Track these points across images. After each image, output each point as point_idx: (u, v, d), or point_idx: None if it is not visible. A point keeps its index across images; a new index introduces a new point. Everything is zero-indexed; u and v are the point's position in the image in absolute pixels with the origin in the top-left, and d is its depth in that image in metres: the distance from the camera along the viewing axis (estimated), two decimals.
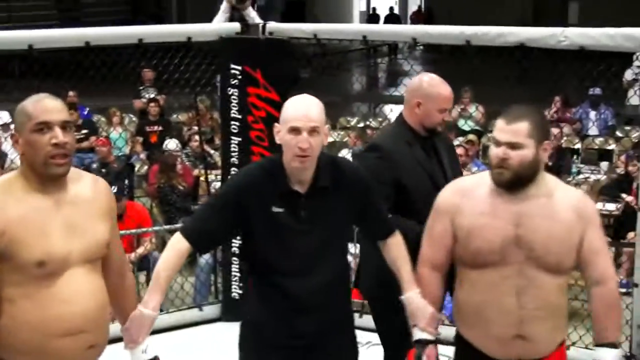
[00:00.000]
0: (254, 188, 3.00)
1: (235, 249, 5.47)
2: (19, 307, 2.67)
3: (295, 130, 2.91)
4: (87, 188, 2.82)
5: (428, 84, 3.66)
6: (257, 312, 3.10)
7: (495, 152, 2.92)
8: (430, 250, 3.10)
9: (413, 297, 3.10)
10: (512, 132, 2.89)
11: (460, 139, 8.87)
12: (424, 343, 3.06)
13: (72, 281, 2.71)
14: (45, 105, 2.69)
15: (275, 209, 2.99)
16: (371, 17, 26.47)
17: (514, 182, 2.92)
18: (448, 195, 3.08)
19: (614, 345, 2.97)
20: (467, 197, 3.01)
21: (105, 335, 2.87)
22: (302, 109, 2.95)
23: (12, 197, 2.68)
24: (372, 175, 3.50)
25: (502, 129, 2.92)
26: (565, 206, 2.96)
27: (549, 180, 3.01)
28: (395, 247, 3.19)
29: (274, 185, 2.99)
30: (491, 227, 2.94)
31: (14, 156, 5.15)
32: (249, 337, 3.15)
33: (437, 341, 3.07)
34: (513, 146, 2.88)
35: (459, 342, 3.09)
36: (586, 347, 5.04)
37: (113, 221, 2.91)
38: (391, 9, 26.92)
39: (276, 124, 3.01)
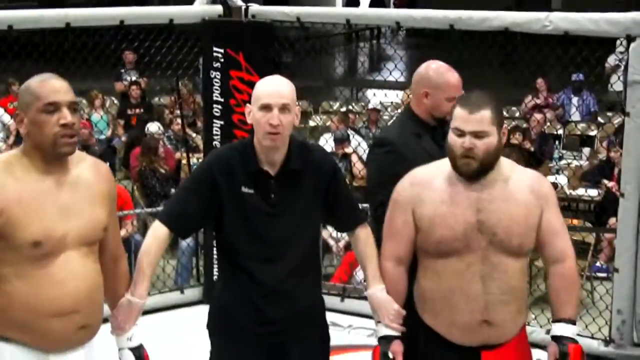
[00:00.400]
0: (225, 168, 2.99)
1: None
2: (13, 285, 2.68)
3: (266, 108, 2.91)
4: (88, 171, 2.82)
5: (435, 72, 3.53)
6: (226, 296, 3.09)
7: (459, 142, 2.88)
8: (393, 244, 3.07)
9: (377, 293, 3.07)
10: (476, 121, 2.86)
11: None
12: (389, 339, 3.04)
13: (67, 262, 2.71)
14: (53, 86, 2.68)
15: (245, 190, 2.98)
16: (353, 2, 26.36)
17: (480, 171, 2.90)
18: (406, 187, 3.04)
19: (572, 322, 2.97)
20: (426, 188, 2.99)
21: (99, 316, 2.86)
22: (273, 86, 2.96)
23: (11, 176, 2.67)
24: (381, 170, 3.46)
25: (465, 118, 2.87)
26: (522, 188, 2.96)
27: (504, 164, 2.99)
28: (364, 239, 3.16)
29: (244, 165, 2.98)
30: (452, 214, 2.93)
31: None
32: (218, 320, 3.13)
33: (402, 337, 3.05)
34: (478, 135, 2.86)
35: (423, 329, 3.06)
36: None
37: (112, 205, 2.91)
38: None
39: (248, 105, 3.00)
